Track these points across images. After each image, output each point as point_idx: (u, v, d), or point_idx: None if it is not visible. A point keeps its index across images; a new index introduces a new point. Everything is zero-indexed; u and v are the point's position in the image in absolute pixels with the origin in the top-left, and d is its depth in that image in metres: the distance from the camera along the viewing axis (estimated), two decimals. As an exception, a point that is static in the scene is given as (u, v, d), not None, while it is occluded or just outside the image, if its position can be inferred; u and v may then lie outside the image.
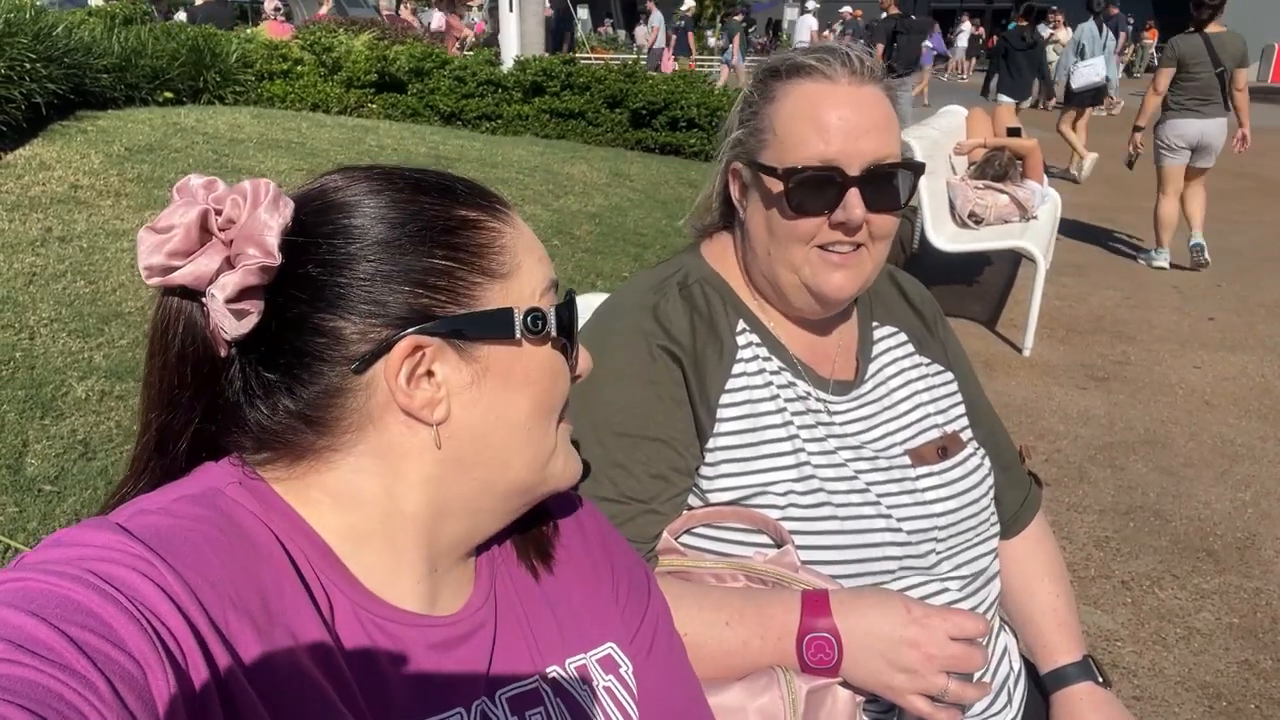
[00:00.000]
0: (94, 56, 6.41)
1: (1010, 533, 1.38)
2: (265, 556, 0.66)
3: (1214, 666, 2.57)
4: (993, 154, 5.77)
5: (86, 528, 0.61)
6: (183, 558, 0.61)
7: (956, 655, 0.98)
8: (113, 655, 0.53)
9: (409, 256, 0.68)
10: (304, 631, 0.65)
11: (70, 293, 3.57)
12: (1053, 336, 5.28)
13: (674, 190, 7.28)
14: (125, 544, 0.60)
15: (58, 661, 0.51)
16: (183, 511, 0.65)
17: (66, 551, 0.59)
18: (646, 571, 0.94)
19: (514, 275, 0.72)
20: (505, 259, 0.71)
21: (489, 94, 9.45)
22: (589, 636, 0.83)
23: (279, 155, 5.87)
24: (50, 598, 0.55)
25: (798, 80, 1.14)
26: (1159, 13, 28.19)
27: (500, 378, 0.71)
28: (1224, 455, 3.86)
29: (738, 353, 1.20)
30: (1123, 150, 7.06)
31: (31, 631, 0.52)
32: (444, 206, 0.71)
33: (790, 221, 1.14)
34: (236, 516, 0.67)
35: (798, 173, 1.11)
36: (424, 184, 0.72)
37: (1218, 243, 7.53)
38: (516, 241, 0.73)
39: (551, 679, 0.78)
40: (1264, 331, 5.43)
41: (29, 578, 0.56)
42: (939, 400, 1.30)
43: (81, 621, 0.54)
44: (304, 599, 0.66)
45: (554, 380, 0.75)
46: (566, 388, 0.77)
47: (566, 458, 0.78)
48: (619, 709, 0.82)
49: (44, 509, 2.41)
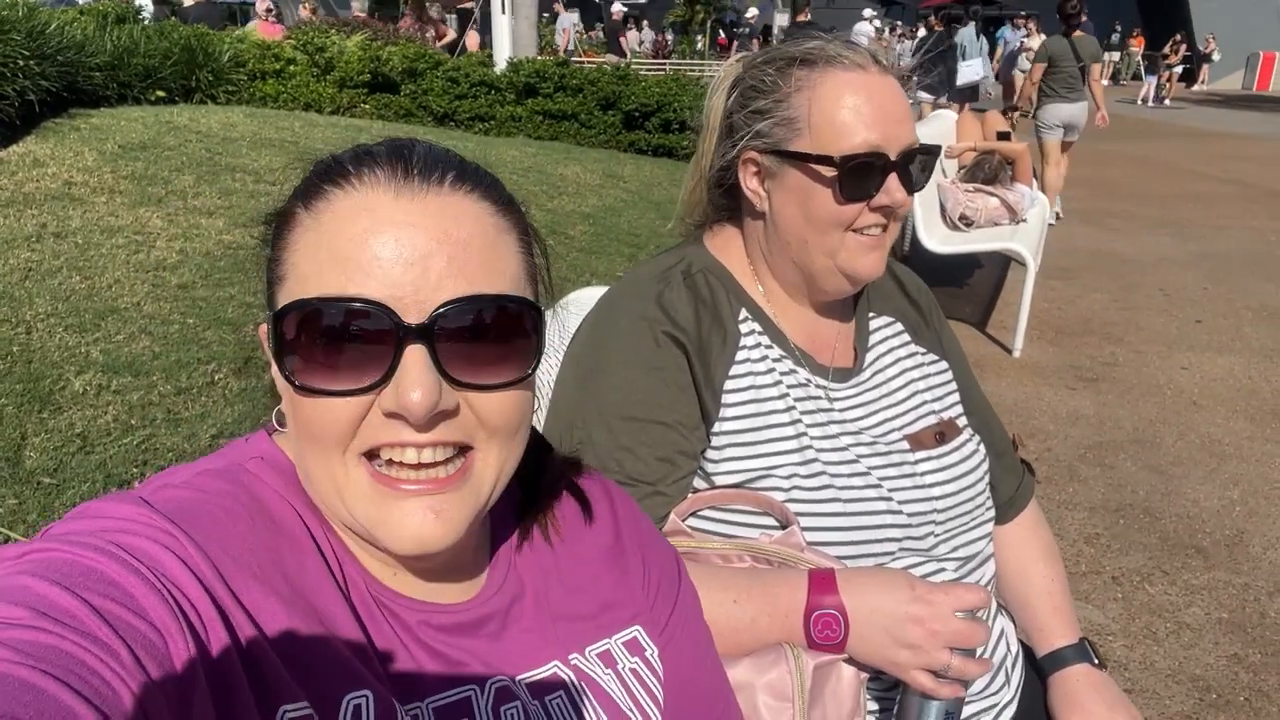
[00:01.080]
0: (86, 54, 6.39)
1: (1005, 518, 1.41)
2: (287, 532, 0.68)
3: (1204, 660, 2.61)
4: (983, 157, 5.82)
5: (111, 501, 0.63)
6: (205, 530, 0.62)
7: (960, 631, 1.00)
8: (134, 623, 0.54)
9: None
10: (326, 605, 0.66)
11: (66, 288, 3.57)
12: (1042, 338, 5.32)
13: (666, 191, 7.31)
14: (148, 517, 0.61)
15: (80, 629, 0.52)
16: (207, 486, 0.67)
17: (90, 524, 0.60)
18: (678, 561, 0.93)
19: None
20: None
21: (482, 95, 9.46)
22: (616, 620, 0.83)
23: (273, 154, 5.87)
24: (74, 567, 0.56)
25: (830, 69, 1.15)
26: (1147, 22, 28.43)
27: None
28: (1212, 454, 3.91)
29: (741, 340, 1.22)
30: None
31: (55, 599, 0.53)
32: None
33: (838, 207, 1.15)
34: (258, 492, 0.68)
35: (850, 159, 1.12)
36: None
37: (1205, 247, 7.62)
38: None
39: (574, 665, 0.78)
40: (1250, 334, 5.49)
41: (54, 548, 0.57)
42: (935, 388, 1.32)
43: (104, 591, 0.55)
44: (325, 574, 0.68)
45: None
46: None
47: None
48: (645, 691, 0.81)
49: (43, 501, 2.41)
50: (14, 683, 0.48)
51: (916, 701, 1.03)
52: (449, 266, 0.63)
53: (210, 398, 3.10)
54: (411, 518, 0.65)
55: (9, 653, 0.49)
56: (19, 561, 0.56)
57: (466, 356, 0.64)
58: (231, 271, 4.05)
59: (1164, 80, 21.44)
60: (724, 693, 0.92)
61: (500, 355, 0.66)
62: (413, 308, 0.62)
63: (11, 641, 0.50)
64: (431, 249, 0.63)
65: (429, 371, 0.62)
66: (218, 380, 3.21)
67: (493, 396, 0.66)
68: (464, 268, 0.64)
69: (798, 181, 1.17)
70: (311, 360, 0.63)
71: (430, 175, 0.66)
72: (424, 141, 0.70)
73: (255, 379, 3.25)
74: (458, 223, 0.65)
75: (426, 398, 0.61)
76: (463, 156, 0.71)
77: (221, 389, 3.17)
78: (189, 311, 3.64)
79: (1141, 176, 11.31)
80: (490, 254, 0.66)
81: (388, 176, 0.65)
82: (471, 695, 0.71)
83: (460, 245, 0.64)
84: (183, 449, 2.78)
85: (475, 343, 0.64)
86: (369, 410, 0.64)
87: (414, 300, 0.62)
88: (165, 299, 3.71)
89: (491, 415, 0.67)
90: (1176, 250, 7.51)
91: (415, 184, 0.65)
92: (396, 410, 0.62)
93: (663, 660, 0.84)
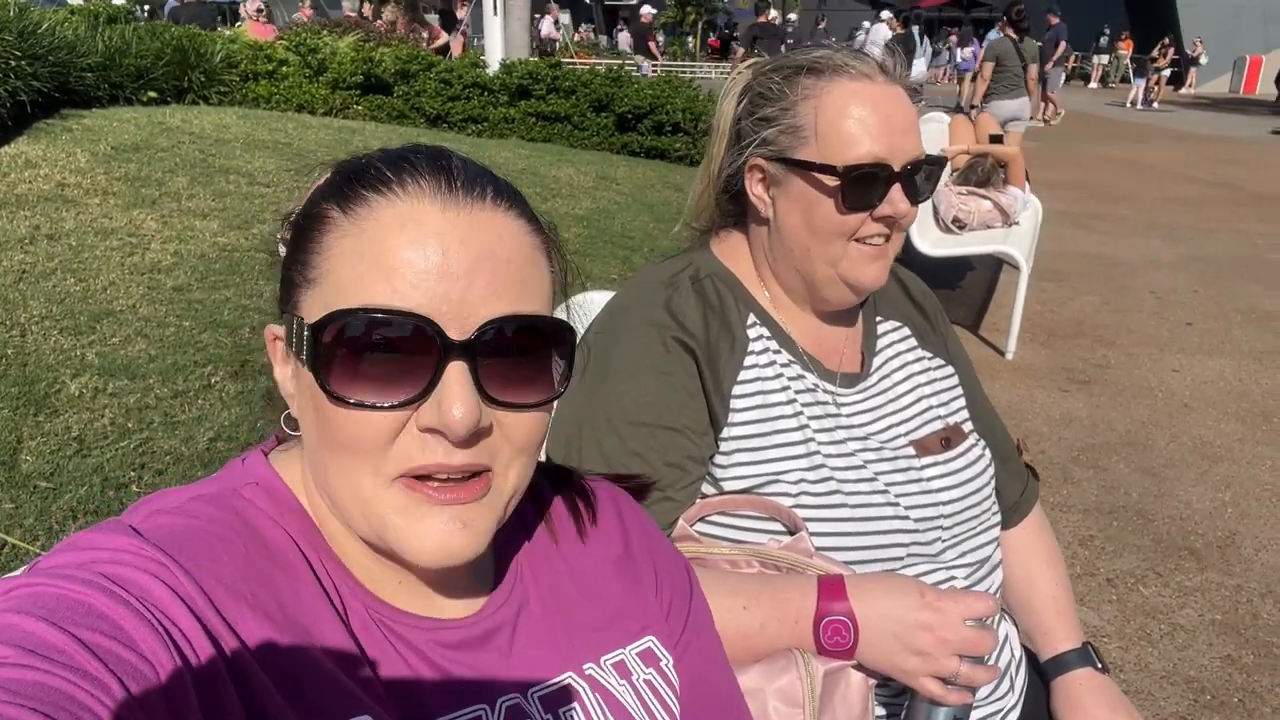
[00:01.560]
0: (78, 55, 6.37)
1: (1010, 522, 1.42)
2: (280, 559, 0.67)
3: (1198, 661, 2.63)
4: (976, 160, 5.83)
5: (100, 531, 0.62)
6: (196, 558, 0.62)
7: (969, 638, 1.01)
8: (124, 656, 0.54)
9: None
10: (322, 630, 0.65)
11: (60, 290, 3.56)
12: (1034, 340, 5.35)
13: (660, 193, 7.32)
14: (138, 546, 0.60)
15: (69, 664, 0.52)
16: (200, 512, 0.66)
17: (79, 555, 0.60)
18: (689, 570, 0.93)
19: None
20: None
21: (475, 97, 9.45)
22: (629, 630, 0.81)
23: (266, 155, 5.85)
24: (62, 602, 0.55)
25: (837, 79, 1.16)
26: (1135, 25, 28.58)
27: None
28: (1204, 456, 3.94)
29: (749, 345, 1.23)
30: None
31: (43, 636, 0.53)
32: None
33: (840, 217, 1.16)
34: (252, 519, 0.68)
35: (854, 170, 1.13)
36: None
37: (1194, 250, 7.67)
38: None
39: (588, 675, 0.77)
40: (1240, 336, 5.53)
41: (41, 583, 0.57)
42: (941, 393, 1.33)
43: (92, 624, 0.54)
44: (322, 600, 0.67)
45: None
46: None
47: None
48: (660, 701, 0.80)
49: (40, 505, 2.40)
50: None
51: (924, 708, 1.03)
52: (491, 284, 0.63)
53: (207, 400, 3.09)
54: (440, 529, 0.64)
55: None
56: (5, 598, 0.56)
57: (503, 375, 0.64)
58: (227, 274, 4.04)
59: (1153, 83, 21.59)
60: (738, 702, 0.92)
61: (533, 375, 0.66)
62: (455, 323, 0.62)
63: (1, 681, 0.50)
64: (476, 265, 0.63)
65: (471, 388, 0.62)
66: (214, 383, 3.20)
67: (523, 416, 0.66)
68: (506, 286, 0.64)
69: (801, 190, 1.18)
70: (350, 371, 0.62)
71: (473, 189, 0.66)
72: (456, 151, 0.71)
73: (252, 382, 3.24)
74: (501, 240, 0.65)
75: (469, 415, 0.61)
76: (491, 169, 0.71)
77: (219, 392, 3.16)
78: (185, 314, 3.63)
79: (1131, 180, 11.37)
80: (528, 272, 0.66)
81: (433, 188, 0.65)
82: (482, 714, 0.70)
83: (502, 263, 0.64)
84: (180, 452, 2.77)
85: (512, 362, 0.64)
86: (404, 426, 0.63)
87: (457, 316, 0.62)
88: (161, 301, 3.69)
89: (519, 434, 0.67)
90: (1166, 253, 7.56)
91: (460, 197, 0.65)
92: (436, 426, 0.62)
93: (678, 671, 0.84)
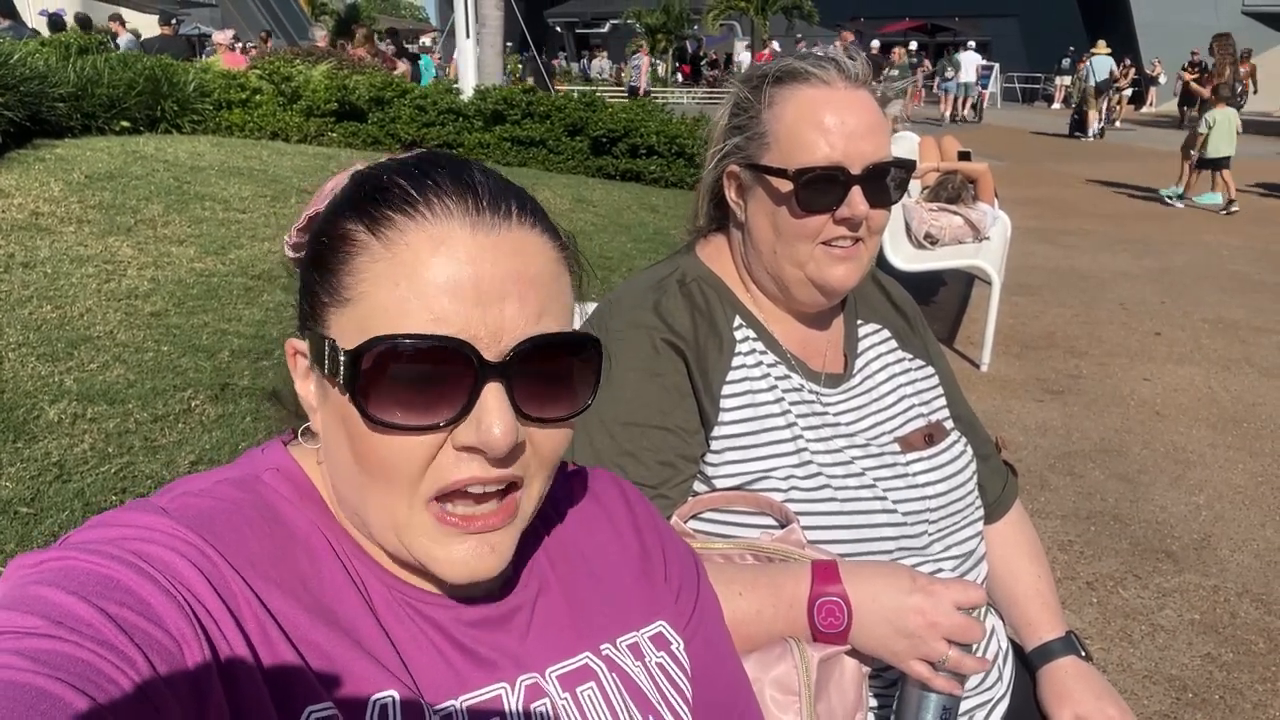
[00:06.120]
0: (50, 85, 6.35)
1: (993, 517, 1.45)
2: (303, 541, 0.69)
3: (1179, 660, 2.67)
4: (946, 177, 5.93)
5: (131, 510, 0.64)
6: (224, 538, 0.64)
7: (959, 624, 1.03)
8: (150, 631, 0.55)
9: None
10: (347, 609, 0.67)
11: (37, 318, 3.53)
12: (1008, 352, 5.43)
13: (636, 215, 7.38)
14: (166, 525, 0.62)
15: (96, 637, 0.53)
16: (225, 495, 0.68)
17: (109, 532, 0.61)
18: (695, 557, 0.95)
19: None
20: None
21: (450, 122, 9.51)
22: (641, 615, 0.83)
23: (241, 182, 5.85)
24: (91, 576, 0.57)
25: (795, 86, 1.20)
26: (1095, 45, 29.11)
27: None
28: (1177, 462, 4.01)
29: (736, 346, 1.26)
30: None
31: (71, 609, 0.54)
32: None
33: (798, 220, 1.20)
34: (273, 502, 0.70)
35: (806, 173, 1.17)
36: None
37: (1161, 261, 7.82)
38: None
39: (604, 655, 0.79)
40: (1208, 345, 5.64)
41: (71, 557, 0.58)
42: (922, 392, 1.37)
43: (120, 599, 0.56)
44: (345, 580, 0.69)
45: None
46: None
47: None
48: (672, 684, 0.82)
49: (21, 531, 2.38)
50: (30, 691, 0.49)
51: (916, 695, 1.05)
52: (521, 304, 0.65)
53: (187, 424, 3.08)
54: (468, 553, 0.67)
55: (25, 661, 0.50)
56: (36, 570, 0.57)
57: (534, 392, 0.66)
58: (205, 299, 4.03)
59: (1114, 103, 22.04)
60: (745, 687, 0.94)
61: (561, 390, 0.68)
62: (490, 345, 0.64)
63: (28, 650, 0.51)
64: (508, 288, 0.64)
65: (508, 407, 0.64)
66: (194, 407, 3.19)
67: (552, 431, 0.69)
68: (535, 305, 0.66)
69: (768, 194, 1.22)
70: (389, 396, 0.63)
71: (498, 207, 0.67)
72: (477, 163, 0.72)
73: (232, 405, 3.23)
74: (529, 260, 0.67)
75: (508, 434, 0.63)
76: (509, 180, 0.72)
77: (199, 416, 3.14)
78: (163, 339, 3.61)
79: (1096, 196, 11.60)
80: (554, 288, 0.68)
81: (460, 209, 0.65)
82: (502, 693, 0.72)
83: (531, 283, 0.66)
84: (161, 476, 2.75)
85: (544, 379, 0.67)
86: (440, 446, 0.65)
87: (491, 338, 0.64)
88: (138, 327, 3.68)
89: (548, 448, 0.69)
90: (1134, 266, 7.71)
91: (488, 217, 0.66)
92: (475, 445, 0.64)
93: (688, 654, 0.86)
